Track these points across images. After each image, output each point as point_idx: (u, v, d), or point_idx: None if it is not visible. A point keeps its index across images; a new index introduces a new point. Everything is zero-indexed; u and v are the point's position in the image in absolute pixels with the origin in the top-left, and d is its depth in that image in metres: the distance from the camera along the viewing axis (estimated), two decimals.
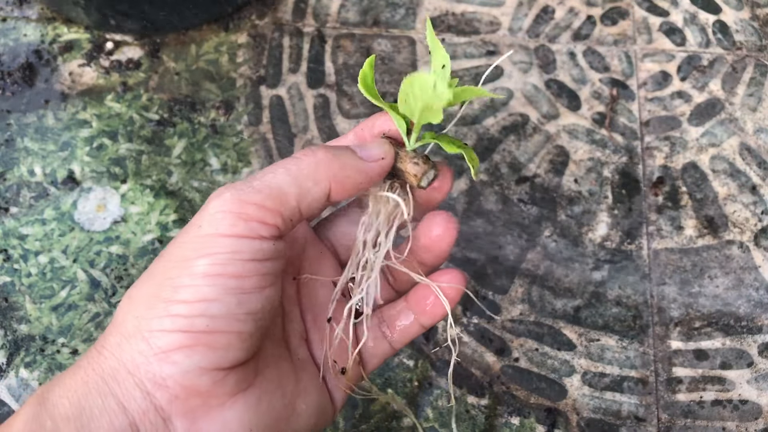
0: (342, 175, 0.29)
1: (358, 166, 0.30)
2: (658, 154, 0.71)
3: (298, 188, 0.28)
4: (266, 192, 0.28)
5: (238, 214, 0.27)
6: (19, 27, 0.77)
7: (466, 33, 0.77)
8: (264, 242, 0.27)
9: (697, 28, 0.78)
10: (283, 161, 0.29)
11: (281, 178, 0.28)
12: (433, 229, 0.32)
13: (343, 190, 0.29)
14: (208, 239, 0.27)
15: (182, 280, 0.26)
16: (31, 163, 0.70)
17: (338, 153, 0.29)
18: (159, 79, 0.74)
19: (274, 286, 0.28)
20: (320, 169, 0.29)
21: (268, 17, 0.78)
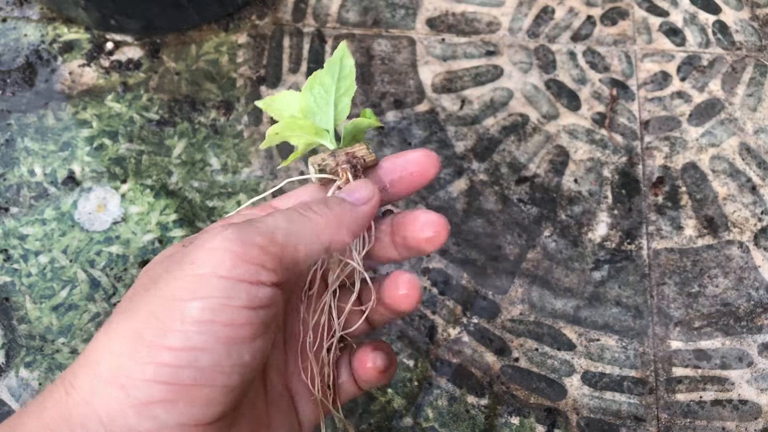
0: (341, 227, 0.29)
1: (354, 214, 0.29)
2: (657, 154, 0.71)
3: (300, 238, 0.27)
4: (270, 236, 0.26)
5: (241, 255, 0.25)
6: (20, 27, 0.77)
7: (466, 33, 0.77)
8: (261, 288, 0.26)
9: (697, 29, 0.78)
10: (290, 211, 0.28)
11: (284, 225, 0.27)
12: (398, 287, 0.31)
13: (340, 242, 0.29)
14: (204, 280, 0.25)
15: (171, 324, 0.24)
16: (32, 163, 0.70)
17: (333, 206, 0.29)
18: (159, 79, 0.74)
19: (264, 336, 0.26)
20: (321, 223, 0.28)
21: (268, 17, 0.78)
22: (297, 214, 0.28)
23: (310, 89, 0.33)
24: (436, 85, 0.74)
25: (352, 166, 0.32)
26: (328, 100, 0.33)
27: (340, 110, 0.33)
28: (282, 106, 0.34)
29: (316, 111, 0.33)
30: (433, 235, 0.31)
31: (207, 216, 0.68)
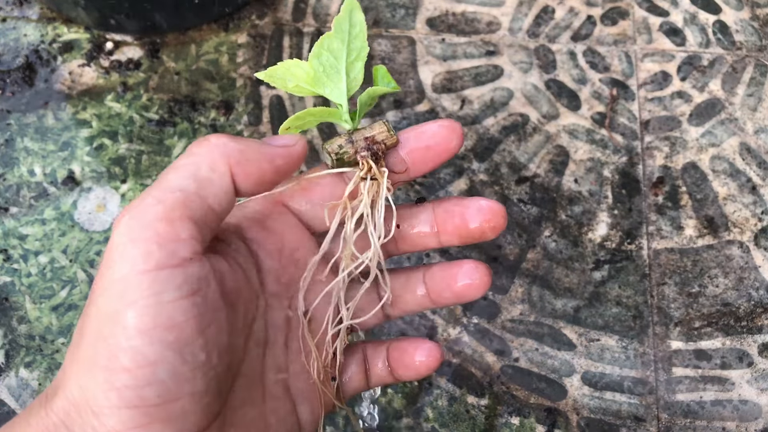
0: (243, 159, 0.26)
1: (262, 150, 0.27)
2: (658, 154, 0.71)
3: (199, 183, 0.25)
4: (168, 199, 0.24)
5: (148, 239, 0.23)
6: (19, 27, 0.77)
7: (466, 33, 0.77)
8: (188, 267, 0.24)
9: (697, 28, 0.78)
10: (177, 160, 0.26)
11: (175, 177, 0.25)
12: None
13: (248, 177, 0.26)
14: (126, 282, 0.23)
15: (117, 341, 0.23)
16: (31, 163, 0.70)
17: (237, 138, 0.26)
18: (159, 79, 0.74)
19: (215, 324, 0.24)
20: (216, 156, 0.25)
21: (268, 17, 0.78)
22: (186, 159, 0.26)
23: (317, 56, 0.30)
24: (436, 85, 0.74)
25: (372, 154, 0.29)
26: (339, 68, 0.30)
27: (352, 79, 0.30)
28: (285, 75, 0.30)
29: (326, 81, 0.30)
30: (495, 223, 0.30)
31: None
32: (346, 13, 0.29)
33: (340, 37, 0.29)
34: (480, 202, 0.30)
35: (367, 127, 0.30)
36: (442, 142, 0.29)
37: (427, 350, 0.32)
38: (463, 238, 0.31)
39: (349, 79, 0.30)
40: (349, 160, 0.30)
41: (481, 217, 0.30)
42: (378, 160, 0.29)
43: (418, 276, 0.32)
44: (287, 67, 0.30)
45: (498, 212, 0.30)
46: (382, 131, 0.29)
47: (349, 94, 0.30)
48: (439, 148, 0.29)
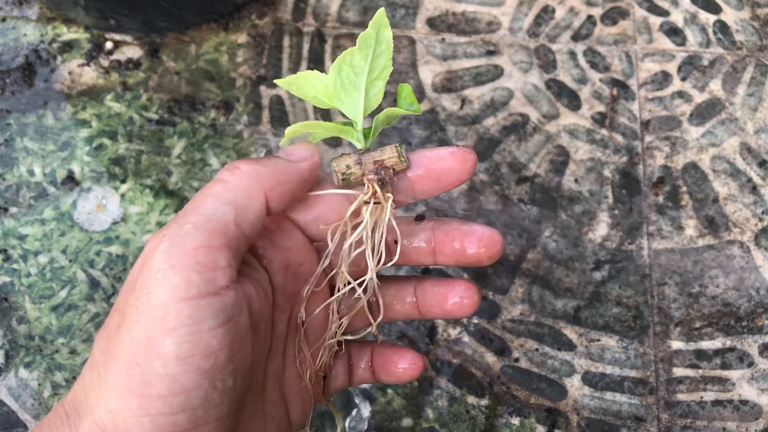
0: (275, 182, 0.27)
1: (289, 169, 0.27)
2: (658, 154, 0.71)
3: (236, 211, 0.25)
4: (206, 228, 0.24)
5: (189, 267, 0.23)
6: (19, 27, 0.77)
7: (466, 33, 0.77)
8: (225, 296, 0.24)
9: (698, 28, 0.78)
10: (207, 188, 0.26)
11: (214, 207, 0.25)
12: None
13: (281, 198, 0.27)
14: (166, 308, 0.23)
15: (154, 368, 0.23)
16: (31, 163, 0.70)
17: (263, 161, 0.27)
18: (159, 79, 0.74)
19: (243, 350, 0.25)
20: (250, 183, 0.26)
21: (268, 17, 0.78)
22: (222, 188, 0.26)
23: (338, 70, 0.29)
24: (437, 85, 0.74)
25: (379, 179, 0.29)
26: (358, 85, 0.29)
27: (371, 97, 0.29)
28: (305, 86, 0.30)
29: (344, 97, 0.29)
30: (492, 252, 0.30)
31: None
32: (374, 29, 0.28)
33: (364, 53, 0.28)
34: (483, 230, 0.30)
35: (378, 149, 0.29)
36: (453, 173, 0.29)
37: (410, 360, 0.32)
38: (459, 261, 0.31)
39: (368, 98, 0.29)
40: (356, 181, 0.29)
41: (480, 245, 0.30)
42: (384, 185, 0.29)
43: (409, 288, 0.33)
44: (306, 77, 0.30)
45: (497, 242, 0.30)
46: (393, 156, 0.29)
47: (366, 112, 0.29)
48: (449, 179, 0.29)
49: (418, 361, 0.32)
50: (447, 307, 0.32)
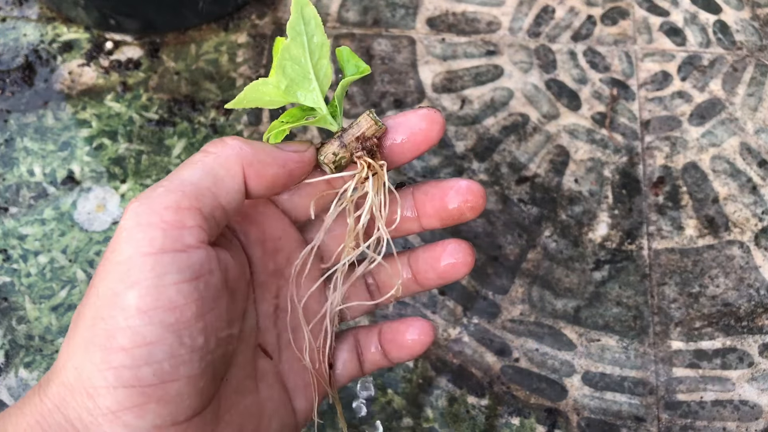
0: (256, 162, 0.26)
1: (275, 154, 0.27)
2: (658, 154, 0.71)
3: (212, 179, 0.25)
4: (178, 191, 0.24)
5: (154, 224, 0.24)
6: (19, 27, 0.77)
7: (466, 33, 0.77)
8: (192, 253, 0.24)
9: (698, 28, 0.78)
10: (191, 157, 0.27)
11: (190, 173, 0.25)
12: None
13: (260, 180, 0.27)
14: (129, 263, 0.23)
15: (115, 321, 0.23)
16: (31, 163, 0.70)
17: (251, 142, 0.27)
18: (159, 79, 0.74)
19: (215, 310, 0.25)
20: (231, 157, 0.26)
21: (268, 17, 0.78)
22: (202, 156, 0.26)
23: (281, 69, 0.28)
24: (436, 85, 0.74)
25: (368, 151, 0.29)
26: (307, 73, 0.28)
27: (322, 78, 0.29)
28: (256, 96, 0.29)
29: (297, 90, 0.29)
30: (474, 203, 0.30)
31: None
32: (296, 13, 0.27)
33: (298, 41, 0.28)
34: (459, 182, 0.30)
35: (353, 124, 0.29)
36: (429, 135, 0.29)
37: (419, 328, 0.32)
38: (443, 219, 0.31)
39: (320, 80, 0.29)
40: (347, 163, 0.29)
41: (460, 198, 0.30)
42: (374, 155, 0.29)
43: (403, 260, 0.33)
44: (254, 88, 0.29)
45: (477, 192, 0.30)
46: (370, 125, 0.29)
47: (324, 94, 0.29)
48: (425, 142, 0.29)
49: (427, 328, 0.32)
50: (441, 269, 0.31)
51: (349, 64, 0.30)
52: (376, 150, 0.29)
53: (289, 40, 0.28)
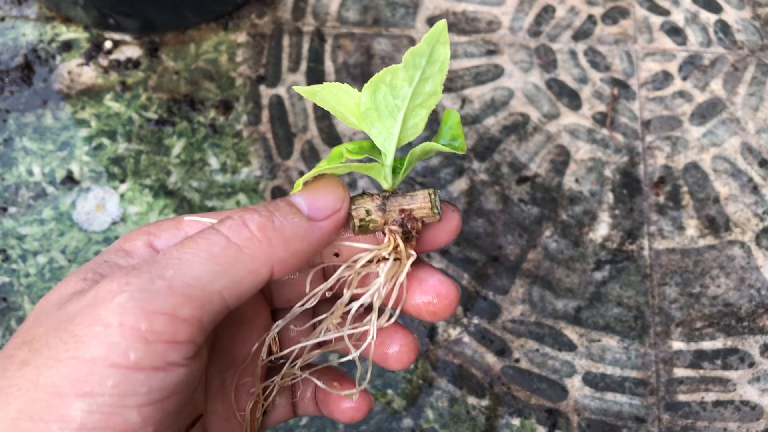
0: (288, 253, 0.22)
1: (309, 235, 0.23)
2: (659, 154, 0.71)
3: (228, 281, 0.21)
4: (182, 292, 0.20)
5: (139, 333, 0.19)
6: (18, 26, 0.77)
7: (467, 32, 0.77)
8: (172, 372, 0.20)
9: (699, 28, 0.77)
10: (204, 237, 0.22)
11: (203, 269, 0.21)
12: (391, 345, 0.27)
13: (288, 269, 0.23)
14: (91, 368, 0.19)
15: (49, 429, 0.19)
16: (30, 163, 0.70)
17: (281, 223, 0.22)
18: (158, 79, 0.74)
19: (171, 426, 0.21)
20: (258, 252, 0.22)
21: (268, 16, 0.78)
22: (221, 247, 0.21)
23: (374, 89, 0.24)
24: None
25: (404, 231, 0.25)
26: (396, 111, 0.24)
27: (409, 127, 0.24)
28: (331, 99, 0.25)
29: (376, 122, 0.24)
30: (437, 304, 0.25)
31: None
32: (427, 45, 0.23)
33: (409, 73, 0.23)
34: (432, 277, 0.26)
35: (407, 195, 0.25)
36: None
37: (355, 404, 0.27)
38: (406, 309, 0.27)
39: (405, 127, 0.24)
40: (375, 228, 0.25)
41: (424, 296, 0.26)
42: (408, 240, 0.25)
43: None
44: (335, 90, 0.25)
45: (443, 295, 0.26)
46: (424, 207, 0.25)
47: (400, 143, 0.25)
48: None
49: (363, 404, 0.27)
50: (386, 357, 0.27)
51: (448, 133, 0.26)
52: (413, 236, 0.25)
53: (401, 66, 0.24)
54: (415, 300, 0.26)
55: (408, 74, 0.23)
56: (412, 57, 0.23)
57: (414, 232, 0.25)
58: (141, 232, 0.25)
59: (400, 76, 0.24)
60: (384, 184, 0.26)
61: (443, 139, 0.26)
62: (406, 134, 0.25)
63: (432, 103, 0.24)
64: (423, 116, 0.24)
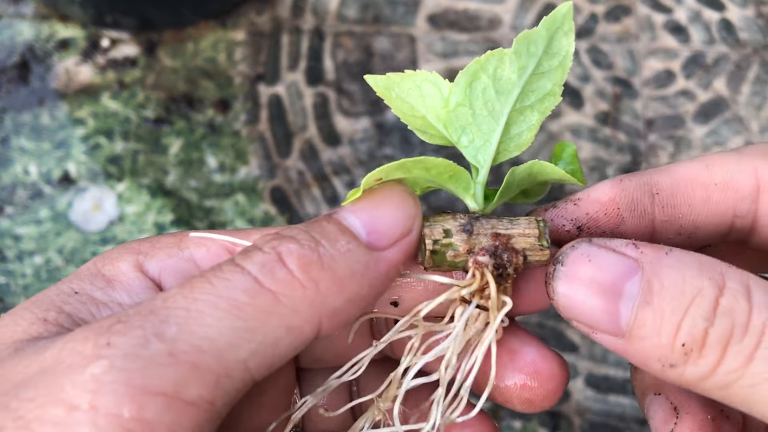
0: (340, 300, 0.16)
1: (368, 272, 0.16)
2: (662, 153, 0.70)
3: (258, 344, 0.15)
4: (189, 361, 0.14)
5: (122, 424, 0.13)
6: (15, 25, 0.76)
7: (468, 30, 0.76)
8: None
9: (702, 26, 0.77)
10: (223, 276, 0.15)
11: (222, 326, 0.15)
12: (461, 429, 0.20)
13: (341, 322, 0.17)
14: None
15: None
16: (27, 163, 0.69)
17: (331, 256, 0.16)
18: (156, 77, 0.74)
19: None
20: (301, 303, 0.16)
21: (267, 14, 0.77)
22: (249, 294, 0.15)
23: (470, 80, 0.19)
24: None
25: (498, 266, 0.18)
26: (498, 111, 0.19)
27: (514, 135, 0.19)
28: (411, 94, 0.19)
29: (470, 125, 0.19)
30: (536, 390, 0.19)
31: (204, 215, 0.67)
32: (546, 31, 0.18)
33: (520, 63, 0.18)
34: (528, 355, 0.20)
35: (504, 218, 0.19)
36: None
37: None
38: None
39: (508, 134, 0.19)
40: (452, 261, 0.18)
41: (517, 378, 0.21)
42: (503, 279, 0.18)
43: None
44: (417, 81, 0.19)
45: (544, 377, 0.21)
46: (530, 235, 0.18)
47: (499, 158, 0.19)
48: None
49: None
50: None
51: (564, 164, 0.20)
52: (510, 275, 0.18)
53: (510, 52, 0.19)
54: (504, 381, 0.19)
55: (519, 63, 0.18)
56: (526, 42, 0.18)
57: (511, 269, 0.17)
58: (128, 249, 0.18)
59: (508, 65, 0.18)
60: (473, 204, 0.19)
61: (557, 165, 0.20)
62: (507, 145, 0.19)
63: (548, 107, 0.18)
64: (534, 122, 0.18)
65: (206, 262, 0.19)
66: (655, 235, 0.19)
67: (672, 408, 0.20)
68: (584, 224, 0.19)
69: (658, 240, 0.19)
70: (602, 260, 0.16)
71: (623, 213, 0.18)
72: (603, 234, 0.18)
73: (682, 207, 0.18)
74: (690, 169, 0.19)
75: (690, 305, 0.15)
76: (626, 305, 0.16)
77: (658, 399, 0.21)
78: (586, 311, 0.17)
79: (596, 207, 0.18)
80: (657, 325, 0.15)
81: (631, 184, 0.18)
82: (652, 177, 0.19)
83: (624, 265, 0.16)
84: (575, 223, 0.19)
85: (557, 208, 0.19)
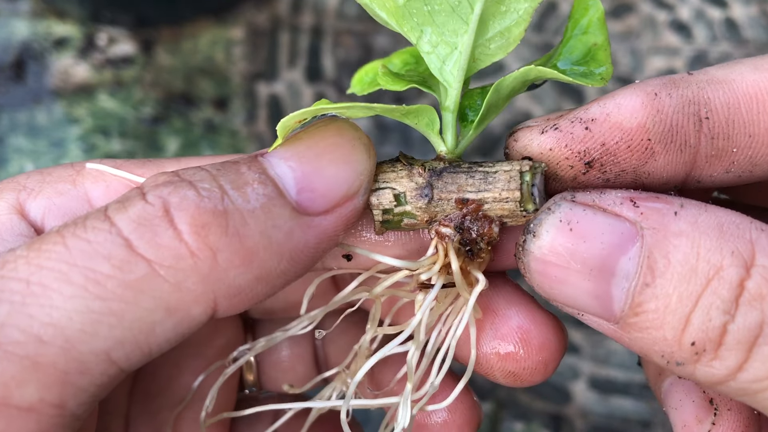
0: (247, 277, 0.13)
1: (291, 243, 0.13)
2: None
3: (125, 331, 0.12)
4: (25, 356, 0.11)
5: None
6: (10, 22, 0.76)
7: None
8: None
9: (705, 24, 0.77)
10: (85, 235, 0.12)
11: (74, 308, 0.12)
12: (437, 413, 0.19)
13: (245, 303, 0.13)
14: None
15: None
16: (23, 162, 0.69)
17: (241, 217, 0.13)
18: (153, 75, 0.73)
19: None
20: (189, 278, 0.13)
21: (265, 12, 0.77)
22: (114, 263, 0.12)
23: None
24: None
25: (466, 241, 0.14)
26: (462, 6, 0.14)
27: (494, 36, 0.14)
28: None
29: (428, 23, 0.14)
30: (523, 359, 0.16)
31: None
32: None
33: None
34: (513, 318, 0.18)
35: (478, 169, 0.15)
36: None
37: None
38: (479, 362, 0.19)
39: (486, 35, 0.14)
40: (412, 227, 0.15)
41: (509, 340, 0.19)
42: (474, 254, 0.15)
43: None
44: None
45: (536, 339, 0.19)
46: (508, 199, 0.14)
47: (474, 68, 0.14)
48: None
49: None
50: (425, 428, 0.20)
51: (578, 45, 0.14)
52: (482, 248, 0.15)
53: None
54: (484, 348, 0.15)
55: None
56: None
57: (484, 242, 0.14)
58: (11, 185, 0.14)
59: None
60: (439, 144, 0.15)
61: (565, 58, 0.14)
62: (485, 50, 0.13)
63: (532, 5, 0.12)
64: (522, 14, 0.13)
65: (103, 201, 0.14)
66: (692, 174, 0.14)
67: (706, 400, 0.15)
68: (596, 159, 0.14)
69: (695, 180, 0.13)
70: (588, 227, 0.12)
71: (654, 146, 0.13)
72: (622, 174, 0.13)
73: (740, 138, 0.13)
74: (757, 81, 0.13)
75: (704, 290, 0.11)
76: (619, 287, 0.12)
77: (684, 386, 0.16)
78: (567, 293, 0.13)
79: (617, 136, 0.14)
80: (659, 316, 0.12)
81: (670, 103, 0.13)
82: (701, 92, 0.13)
83: (618, 233, 0.12)
84: (583, 157, 0.13)
85: (559, 131, 0.14)
